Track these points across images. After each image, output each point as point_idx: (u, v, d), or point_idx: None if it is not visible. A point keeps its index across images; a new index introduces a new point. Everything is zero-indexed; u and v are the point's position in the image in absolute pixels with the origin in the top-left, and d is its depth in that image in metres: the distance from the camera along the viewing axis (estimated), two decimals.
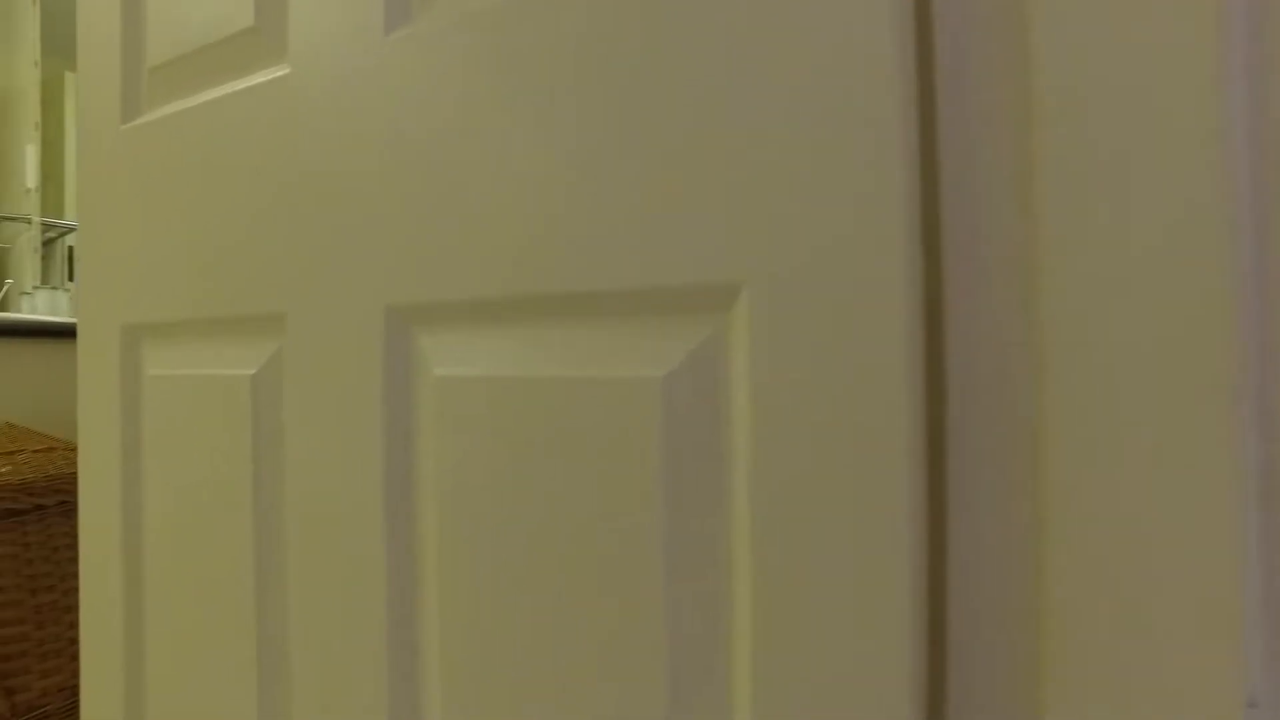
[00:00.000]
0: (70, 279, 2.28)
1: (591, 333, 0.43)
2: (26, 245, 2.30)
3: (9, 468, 1.05)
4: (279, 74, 0.57)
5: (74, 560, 1.07)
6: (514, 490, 0.45)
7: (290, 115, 0.57)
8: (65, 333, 1.41)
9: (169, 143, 0.67)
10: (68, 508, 1.08)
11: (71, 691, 1.05)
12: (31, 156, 2.36)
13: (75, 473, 1.11)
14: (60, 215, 2.33)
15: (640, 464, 0.41)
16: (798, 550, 0.37)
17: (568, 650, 0.43)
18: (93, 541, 0.73)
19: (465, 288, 0.47)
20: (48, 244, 2.27)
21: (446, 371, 0.48)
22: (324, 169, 0.54)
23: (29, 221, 2.30)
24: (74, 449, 1.16)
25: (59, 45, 2.31)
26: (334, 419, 0.53)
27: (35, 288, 2.06)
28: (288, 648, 0.57)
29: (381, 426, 0.50)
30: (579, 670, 0.43)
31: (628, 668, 0.41)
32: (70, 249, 2.38)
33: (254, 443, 0.59)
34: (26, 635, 1.01)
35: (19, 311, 1.94)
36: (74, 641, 1.05)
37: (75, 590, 1.05)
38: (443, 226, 0.48)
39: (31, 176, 2.34)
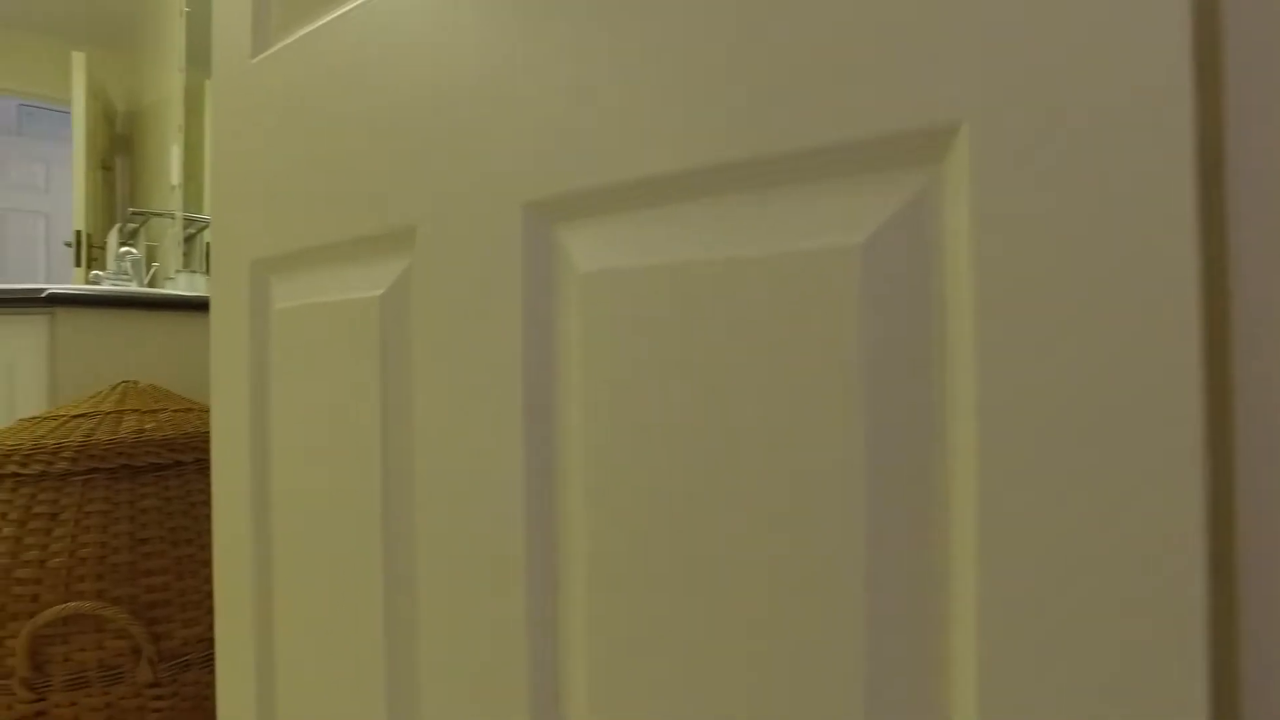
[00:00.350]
0: (207, 269, 2.40)
1: (769, 206, 0.37)
2: (171, 237, 2.44)
3: (153, 424, 1.07)
4: None
5: (209, 516, 1.08)
6: (675, 404, 0.39)
7: (407, 19, 0.53)
8: (201, 306, 1.46)
9: (291, 71, 0.65)
10: (203, 465, 1.10)
11: (209, 644, 1.07)
12: (176, 156, 2.50)
13: (207, 432, 1.13)
14: (199, 210, 2.46)
15: (829, 360, 0.34)
16: (1042, 484, 0.29)
17: (740, 605, 0.36)
18: (224, 483, 0.72)
19: (614, 168, 0.41)
20: (189, 239, 2.40)
21: (594, 266, 0.42)
22: (448, 67, 0.50)
23: (173, 216, 2.44)
24: (206, 409, 1.19)
25: (199, 56, 2.44)
26: (468, 334, 0.49)
27: (177, 271, 2.17)
28: (416, 592, 0.53)
29: (521, 335, 0.45)
30: (752, 630, 0.36)
31: (813, 635, 0.34)
32: (208, 244, 2.50)
33: (383, 367, 0.55)
34: (169, 585, 1.03)
35: (162, 290, 2.05)
36: (210, 595, 1.06)
37: (210, 545, 1.07)
38: (589, 102, 0.42)
39: (175, 174, 2.48)
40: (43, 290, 1.30)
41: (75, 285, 1.36)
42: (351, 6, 0.60)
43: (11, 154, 2.40)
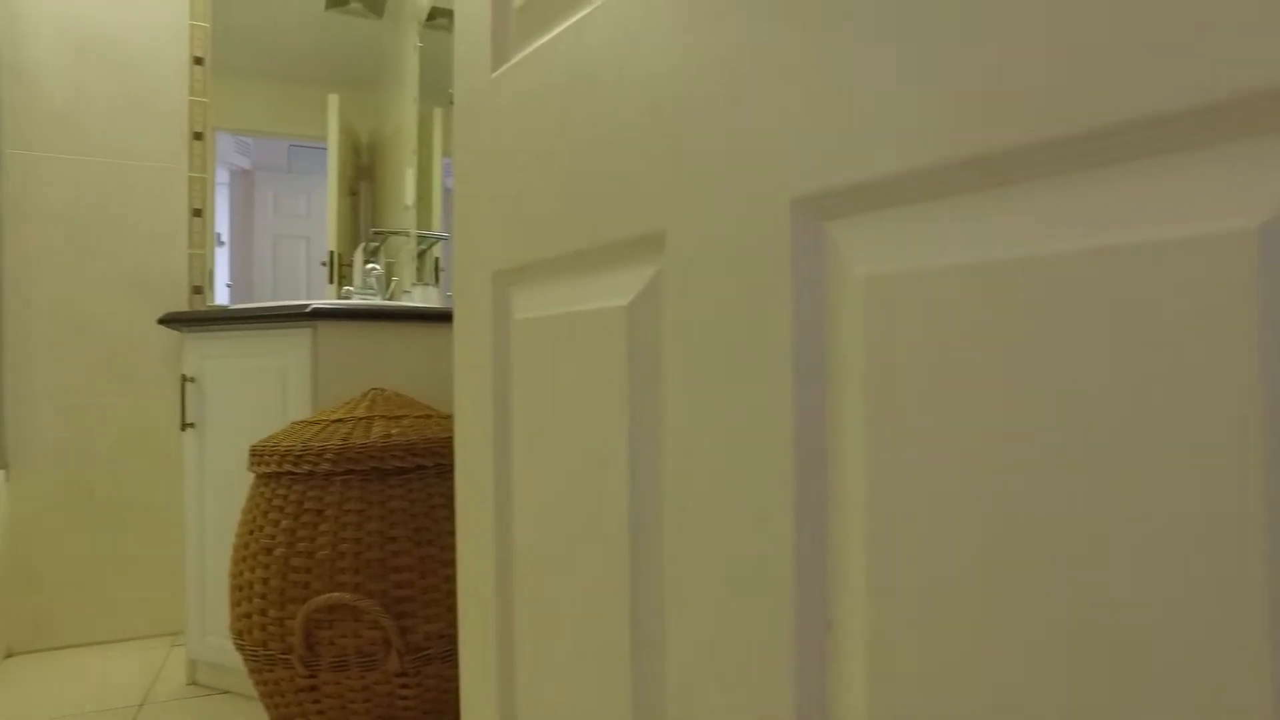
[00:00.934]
0: (437, 280, 2.58)
1: (1116, 186, 0.30)
2: (406, 253, 2.65)
3: (398, 430, 1.15)
4: None
5: (449, 518, 1.14)
6: (981, 432, 0.33)
7: (648, 17, 0.50)
8: (437, 316, 1.56)
9: (528, 81, 0.65)
10: (442, 469, 1.16)
11: (448, 640, 1.12)
12: (410, 179, 2.71)
13: (447, 437, 1.19)
14: (429, 227, 2.66)
15: (1219, 370, 0.26)
16: None
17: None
18: (468, 489, 0.74)
19: (911, 152, 0.36)
20: (421, 254, 2.59)
21: (884, 268, 0.37)
22: (696, 61, 0.47)
23: (408, 234, 2.65)
24: (447, 417, 1.26)
25: (429, 88, 2.64)
26: (726, 343, 0.45)
27: (413, 284, 2.35)
28: (663, 607, 0.51)
29: (791, 346, 0.41)
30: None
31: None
32: (437, 259, 2.69)
33: (629, 377, 0.53)
34: (413, 582, 1.09)
35: (399, 302, 2.22)
36: (450, 593, 1.11)
37: (450, 546, 1.12)
38: (872, 79, 0.37)
39: (410, 195, 2.70)
40: (306, 306, 1.45)
41: (331, 300, 1.50)
42: (588, 10, 0.59)
43: (284, 188, 2.70)
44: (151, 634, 2.10)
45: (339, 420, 1.19)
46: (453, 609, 1.11)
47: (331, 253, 3.12)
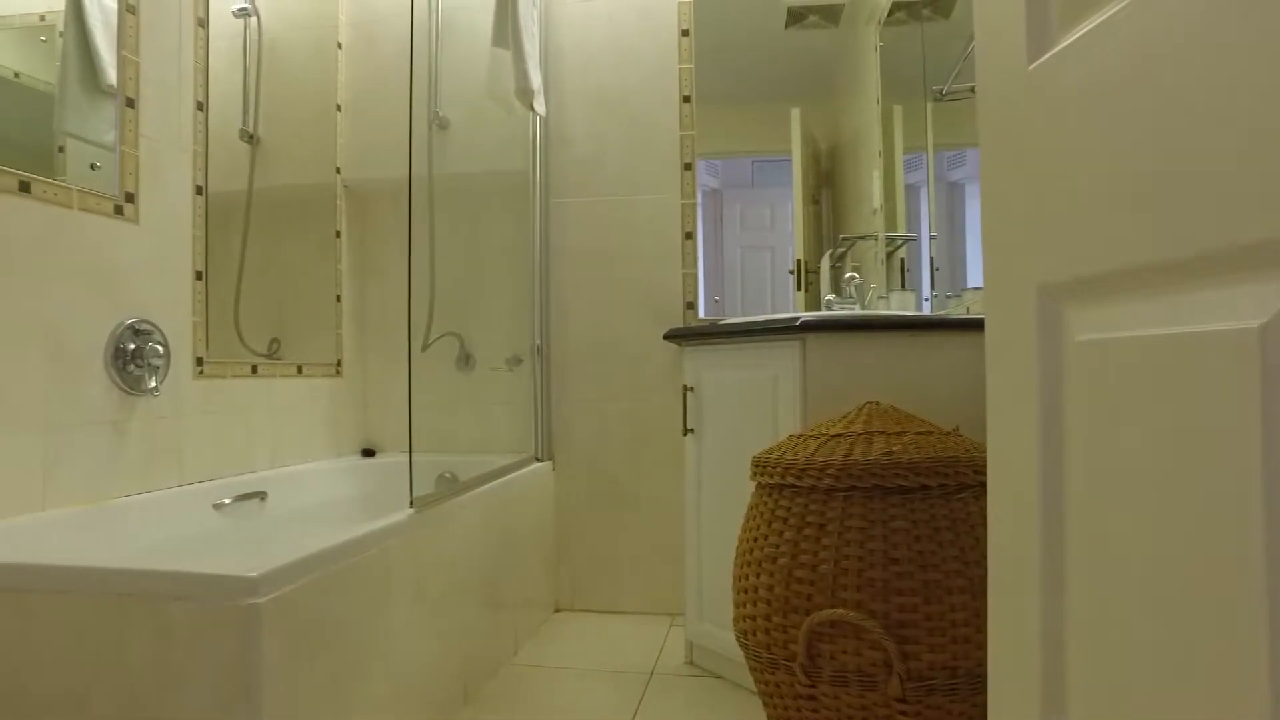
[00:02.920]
0: (903, 285, 2.50)
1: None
2: (872, 258, 2.61)
3: (899, 447, 1.11)
4: None
5: (953, 543, 1.07)
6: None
7: None
8: (927, 326, 1.49)
9: (1081, 70, 0.56)
10: (946, 490, 1.09)
11: (950, 672, 1.05)
12: (876, 180, 2.68)
13: (951, 456, 1.11)
14: (894, 229, 2.58)
15: None
16: None
17: None
18: (1005, 520, 0.67)
19: None
20: (888, 256, 2.54)
21: None
22: None
23: (875, 238, 2.61)
24: (948, 434, 1.19)
25: (888, 86, 2.58)
26: None
27: (890, 291, 2.30)
28: None
29: None
30: None
31: None
32: (902, 260, 2.61)
33: (1264, 410, 0.42)
34: (916, 607, 1.04)
35: (873, 310, 2.19)
36: (955, 624, 1.04)
37: (956, 572, 1.05)
38: None
39: (876, 198, 2.66)
40: (796, 319, 1.49)
41: (819, 312, 1.53)
42: None
43: (749, 203, 2.85)
44: (654, 611, 2.39)
45: (838, 435, 1.19)
46: (959, 640, 1.03)
47: (799, 261, 3.24)
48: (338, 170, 2.51)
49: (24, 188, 1.46)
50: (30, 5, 1.49)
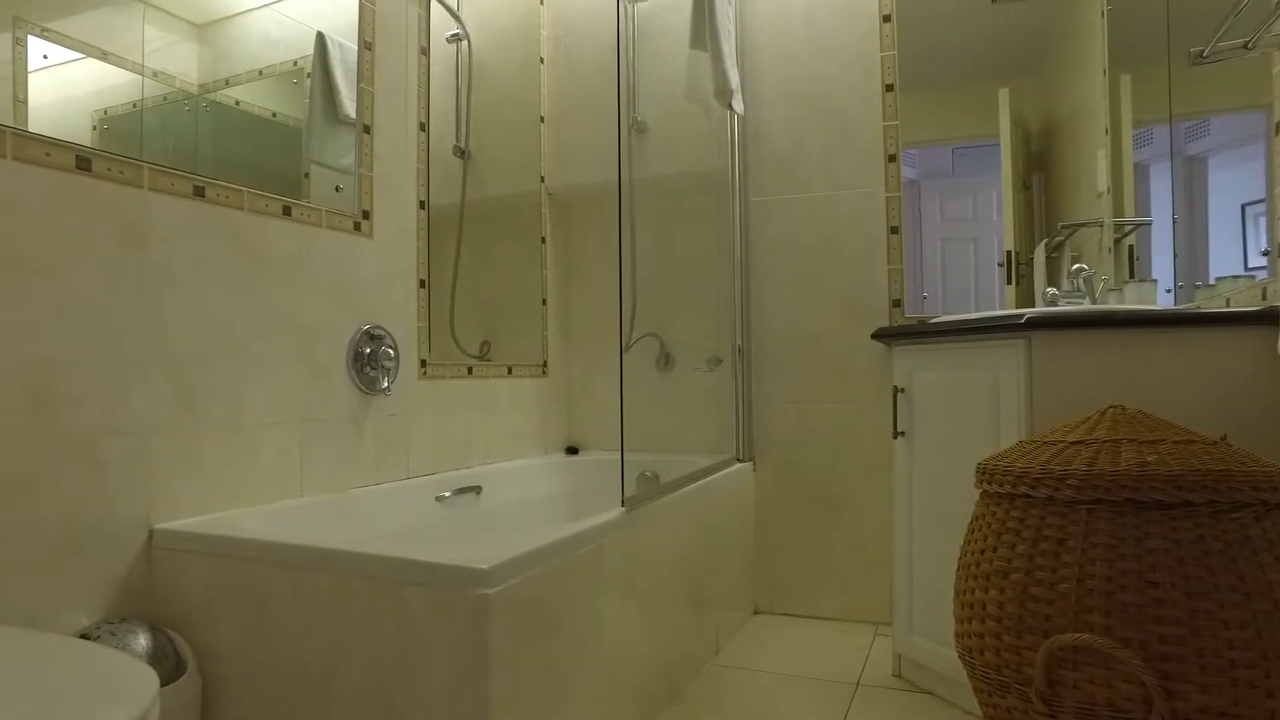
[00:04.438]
0: (1131, 274, 2.25)
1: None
2: (1095, 246, 2.37)
3: (1154, 457, 0.99)
4: None
5: (1228, 569, 0.94)
6: None
7: None
8: (1183, 321, 1.32)
9: None
10: (1217, 508, 0.96)
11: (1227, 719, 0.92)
12: (1101, 160, 2.43)
13: (1221, 470, 0.98)
14: (1121, 213, 2.33)
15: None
16: None
17: None
18: None
19: None
20: (1115, 244, 2.29)
21: None
22: None
23: (1102, 224, 2.37)
24: (1215, 444, 1.04)
25: (1119, 54, 2.34)
26: None
27: (1124, 282, 2.08)
28: None
29: None
30: None
31: None
32: (1131, 247, 2.35)
33: None
34: (1182, 639, 0.92)
35: (1105, 304, 1.99)
36: (1235, 664, 0.91)
37: (1234, 604, 0.92)
38: None
39: (1103, 179, 2.41)
40: (1021, 315, 1.38)
41: (1047, 308, 1.40)
42: None
43: (949, 193, 2.69)
44: (856, 619, 2.31)
45: (1078, 442, 1.08)
46: (1240, 683, 0.90)
47: (1009, 253, 3.01)
48: (542, 179, 2.63)
49: (286, 211, 1.65)
50: (285, 55, 1.67)
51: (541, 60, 2.65)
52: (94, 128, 1.30)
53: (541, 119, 2.64)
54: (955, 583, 1.21)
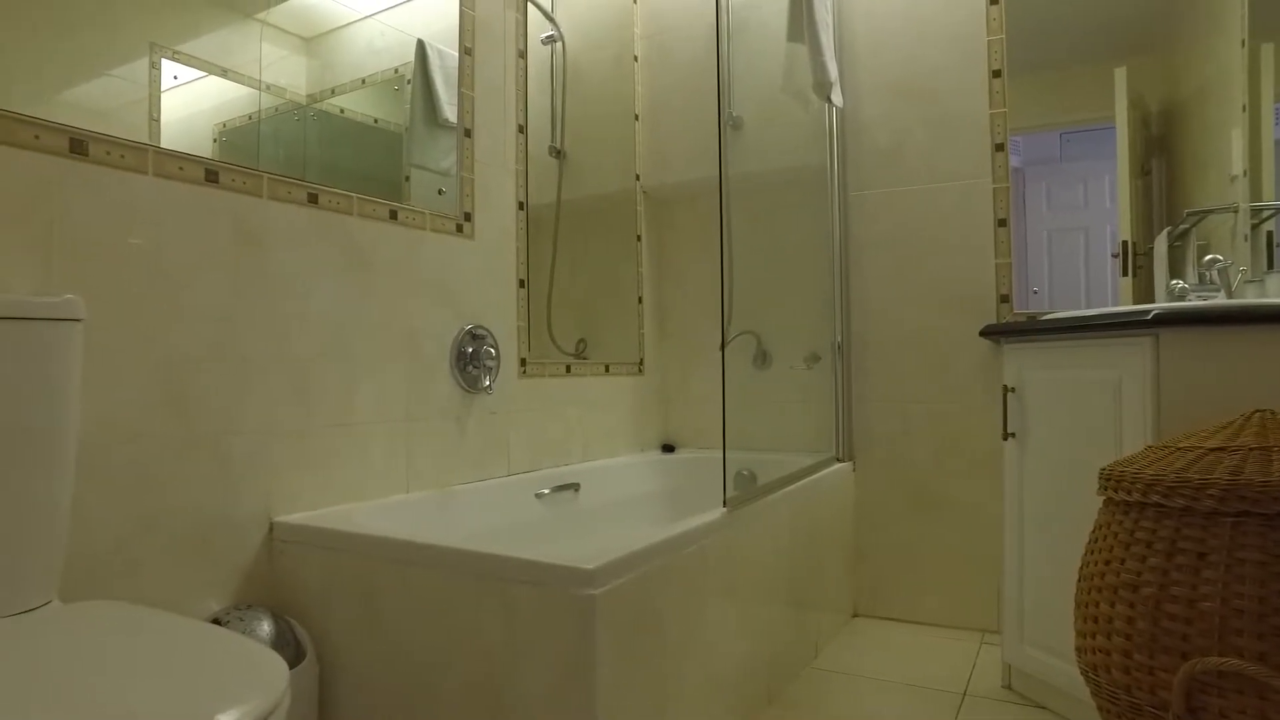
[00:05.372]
0: (1270, 265, 2.08)
1: None
2: (1226, 234, 2.21)
3: None
4: None
5: None
6: None
7: None
8: None
9: None
10: None
11: None
12: (1236, 141, 2.26)
13: None
14: (1259, 197, 2.17)
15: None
16: None
17: None
18: None
19: None
20: (1253, 230, 2.13)
21: None
22: None
23: (1235, 210, 2.21)
24: None
25: (1262, 21, 2.16)
26: None
27: (1265, 273, 1.93)
28: None
29: None
30: None
31: None
32: (1269, 234, 2.18)
33: None
34: None
35: (1243, 297, 1.85)
36: None
37: None
38: None
39: (1238, 161, 2.24)
40: (1147, 311, 1.29)
41: (1179, 303, 1.31)
42: None
43: (1056, 180, 2.57)
44: (960, 625, 2.22)
45: (1219, 449, 1.01)
46: None
47: (1124, 243, 2.84)
48: (637, 177, 2.64)
49: (393, 215, 1.70)
50: (387, 63, 1.73)
51: (635, 58, 2.65)
52: (214, 140, 1.37)
53: (635, 117, 2.65)
54: (1076, 594, 1.15)
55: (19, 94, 1.11)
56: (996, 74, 2.21)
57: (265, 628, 1.29)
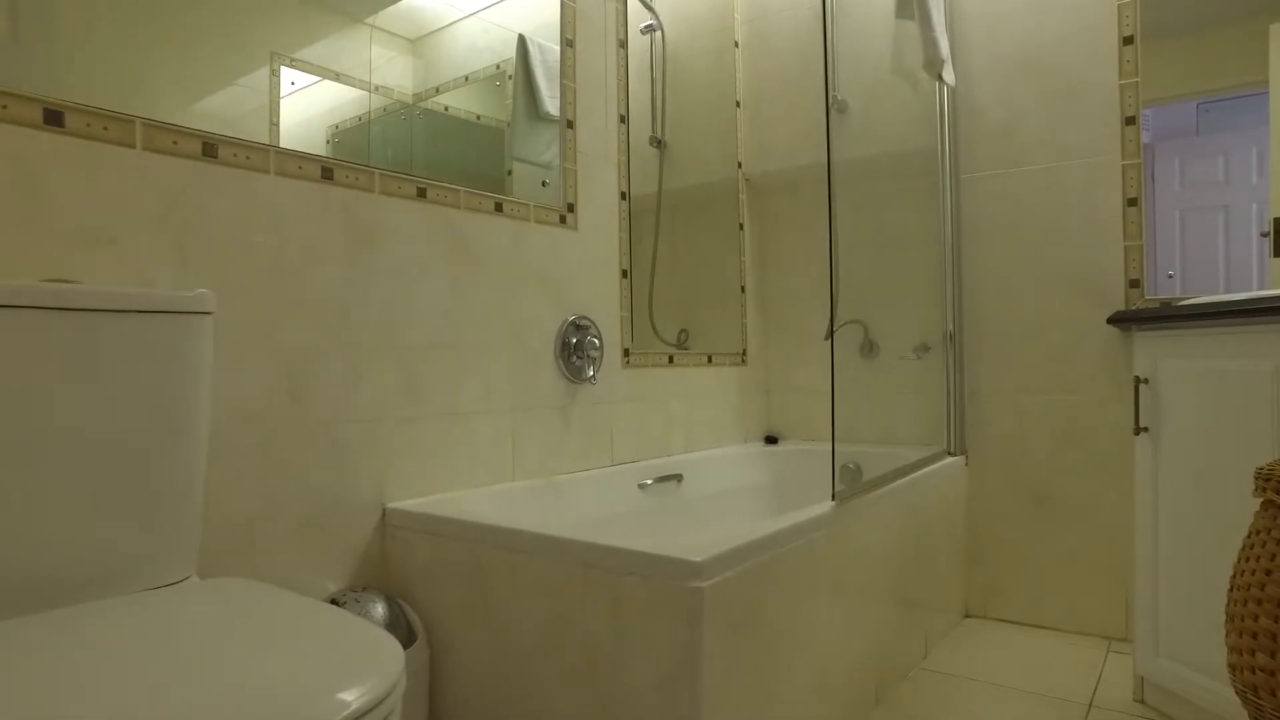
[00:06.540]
0: None
1: None
2: None
3: None
4: None
5: None
6: None
7: None
8: None
9: None
10: None
11: None
12: None
13: None
14: None
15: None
16: None
17: None
18: None
19: None
20: None
21: None
22: None
23: None
24: None
25: None
26: None
27: None
28: None
29: None
30: None
31: None
32: None
33: None
34: None
35: None
36: None
37: None
38: None
39: None
40: None
41: None
42: None
43: (1191, 155, 2.37)
44: (1083, 631, 2.10)
45: None
46: None
47: (1276, 220, 2.60)
48: (739, 165, 2.60)
49: (498, 208, 1.73)
50: (488, 60, 1.75)
51: (735, 45, 2.61)
52: (327, 141, 1.42)
53: (736, 104, 2.60)
54: (1227, 605, 1.05)
55: (163, 106, 1.19)
56: (1128, 40, 2.06)
57: (379, 609, 1.34)
